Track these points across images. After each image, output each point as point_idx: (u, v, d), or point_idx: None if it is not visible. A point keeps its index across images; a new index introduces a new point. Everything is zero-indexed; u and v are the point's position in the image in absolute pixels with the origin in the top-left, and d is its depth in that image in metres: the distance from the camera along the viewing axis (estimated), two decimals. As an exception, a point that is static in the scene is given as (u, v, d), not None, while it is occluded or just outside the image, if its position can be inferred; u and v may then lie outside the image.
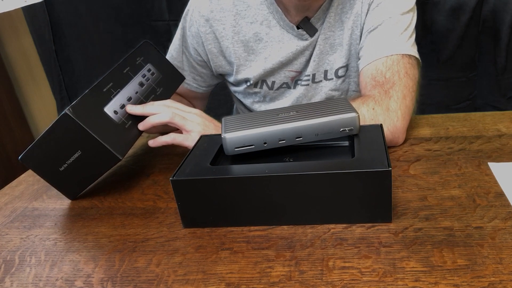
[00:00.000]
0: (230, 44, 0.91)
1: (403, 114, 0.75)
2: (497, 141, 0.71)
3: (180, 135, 0.76)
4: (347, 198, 0.54)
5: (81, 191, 0.72)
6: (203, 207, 0.58)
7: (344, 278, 0.47)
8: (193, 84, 1.00)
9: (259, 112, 0.67)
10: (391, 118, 0.74)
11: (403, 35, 0.81)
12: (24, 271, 0.56)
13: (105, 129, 0.66)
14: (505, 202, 0.56)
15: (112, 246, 0.58)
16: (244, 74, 0.93)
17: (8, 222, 0.68)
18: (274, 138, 0.61)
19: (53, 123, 0.63)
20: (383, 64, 0.79)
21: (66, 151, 0.65)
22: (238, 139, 0.61)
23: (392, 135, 0.74)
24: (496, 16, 1.30)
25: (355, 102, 0.75)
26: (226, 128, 0.62)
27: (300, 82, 0.94)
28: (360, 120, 0.63)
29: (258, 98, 0.98)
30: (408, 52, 0.80)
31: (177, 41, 0.97)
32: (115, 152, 0.65)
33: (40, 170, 0.68)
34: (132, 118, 0.72)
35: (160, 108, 0.75)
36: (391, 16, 0.82)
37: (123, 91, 0.73)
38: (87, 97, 0.67)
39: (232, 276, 0.50)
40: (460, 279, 0.45)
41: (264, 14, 0.88)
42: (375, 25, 0.83)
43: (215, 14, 0.90)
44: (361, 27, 0.86)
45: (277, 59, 0.90)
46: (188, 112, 0.77)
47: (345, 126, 0.61)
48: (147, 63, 0.81)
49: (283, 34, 0.89)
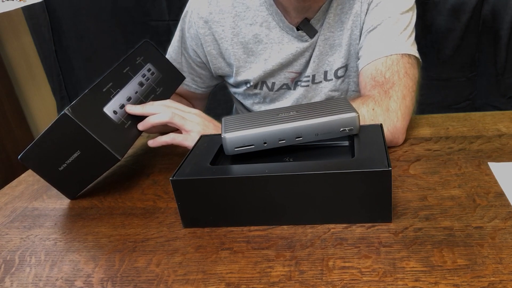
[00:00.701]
0: (229, 46, 0.91)
1: (403, 114, 0.75)
2: (497, 141, 0.71)
3: (179, 135, 0.76)
4: (347, 198, 0.54)
5: (80, 191, 0.72)
6: (203, 207, 0.58)
7: (344, 278, 0.47)
8: (192, 85, 1.00)
9: (259, 112, 0.67)
10: (391, 118, 0.74)
11: (403, 34, 0.81)
12: (24, 271, 0.56)
13: (104, 129, 0.66)
14: (505, 202, 0.56)
15: (112, 246, 0.58)
16: (244, 75, 0.93)
17: (8, 222, 0.68)
18: (274, 138, 0.61)
19: (53, 123, 0.63)
20: (382, 64, 0.79)
21: (66, 151, 0.65)
22: (238, 139, 0.61)
23: (392, 136, 0.74)
24: (496, 16, 1.30)
25: (355, 102, 0.75)
26: (226, 128, 0.62)
27: (300, 83, 0.94)
28: (360, 120, 0.63)
29: (258, 99, 0.98)
30: (408, 51, 0.80)
31: (176, 43, 0.97)
32: (114, 153, 0.65)
33: (40, 170, 0.68)
34: (131, 118, 0.72)
35: (159, 108, 0.75)
36: (391, 16, 0.82)
37: (123, 91, 0.73)
38: (86, 97, 0.67)
39: (232, 276, 0.50)
40: (460, 279, 0.45)
41: (264, 15, 0.88)
42: (374, 25, 0.83)
43: (214, 16, 0.90)
44: (361, 27, 0.86)
45: (277, 61, 0.90)
46: (188, 112, 0.77)
47: (345, 126, 0.61)
48: (147, 63, 0.81)
49: (283, 36, 0.88)
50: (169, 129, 0.85)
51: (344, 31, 0.87)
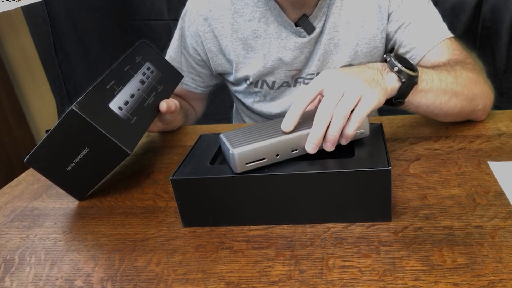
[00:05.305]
0: (229, 42, 0.91)
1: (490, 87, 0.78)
2: (497, 140, 0.71)
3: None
4: (347, 197, 0.54)
5: (88, 191, 0.71)
6: (203, 207, 0.58)
7: (344, 277, 0.47)
8: (191, 84, 1.00)
9: (261, 124, 0.61)
10: (489, 87, 0.77)
11: (441, 21, 0.87)
12: (24, 270, 0.56)
13: (111, 124, 0.65)
14: (505, 201, 0.56)
15: (112, 246, 0.58)
16: (243, 72, 0.93)
17: (8, 222, 0.68)
18: (287, 149, 0.56)
19: (60, 120, 0.62)
20: (445, 47, 0.83)
21: (73, 149, 0.65)
22: (249, 154, 0.54)
23: (487, 106, 0.77)
24: (496, 15, 1.30)
25: (454, 68, 0.73)
26: (232, 144, 0.56)
27: (302, 80, 0.94)
28: (465, 81, 0.68)
29: (259, 98, 0.98)
30: (451, 35, 0.85)
31: (175, 42, 0.97)
32: (124, 147, 0.64)
33: (47, 172, 0.67)
34: (137, 114, 0.72)
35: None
36: (422, 8, 0.86)
37: (126, 88, 0.73)
38: (91, 94, 0.66)
39: (232, 275, 0.50)
40: (460, 278, 0.45)
41: (262, 11, 0.88)
42: (411, 19, 0.86)
43: (213, 13, 0.90)
44: (378, 26, 0.89)
45: (276, 56, 0.90)
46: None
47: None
48: (146, 62, 0.81)
49: (281, 31, 0.89)
50: (171, 127, 0.86)
51: (350, 30, 0.88)
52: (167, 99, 0.79)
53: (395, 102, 0.64)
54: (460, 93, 0.69)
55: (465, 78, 0.71)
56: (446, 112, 0.71)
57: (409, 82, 0.62)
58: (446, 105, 0.69)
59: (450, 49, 0.82)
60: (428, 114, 0.71)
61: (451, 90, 0.68)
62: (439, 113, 0.71)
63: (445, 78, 0.68)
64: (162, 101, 0.78)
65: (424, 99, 0.66)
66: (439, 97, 0.67)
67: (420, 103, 0.67)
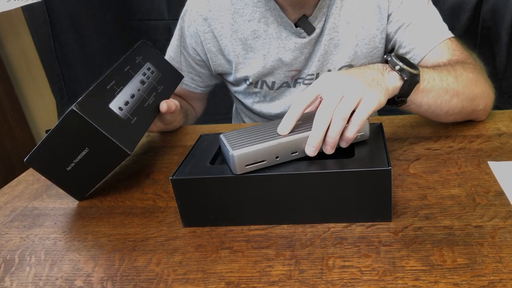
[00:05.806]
0: (228, 42, 0.91)
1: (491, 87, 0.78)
2: (497, 140, 0.71)
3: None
4: (347, 197, 0.54)
5: (88, 191, 0.71)
6: (203, 206, 0.58)
7: (344, 277, 0.47)
8: (191, 84, 1.00)
9: (261, 125, 0.61)
10: (490, 87, 0.77)
11: (441, 21, 0.86)
12: (24, 270, 0.56)
13: (112, 124, 0.65)
14: (505, 201, 0.56)
15: (112, 246, 0.58)
16: (243, 72, 0.93)
17: (8, 222, 0.68)
18: (287, 151, 0.56)
19: (60, 121, 0.63)
20: (445, 47, 0.83)
21: (73, 149, 0.65)
22: (249, 155, 0.54)
23: (488, 107, 0.76)
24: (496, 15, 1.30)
25: (454, 68, 0.72)
26: (232, 145, 0.56)
27: (302, 81, 0.94)
28: (465, 81, 0.67)
29: (259, 98, 0.98)
30: (452, 35, 0.85)
31: (175, 42, 0.97)
32: (124, 147, 0.64)
33: (47, 172, 0.67)
34: (137, 114, 0.72)
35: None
36: (422, 8, 0.86)
37: (126, 88, 0.73)
38: (91, 94, 0.66)
39: (232, 275, 0.50)
40: (460, 278, 0.45)
41: (262, 11, 0.88)
42: (410, 20, 0.86)
43: (213, 13, 0.90)
44: (378, 27, 0.88)
45: (276, 56, 0.90)
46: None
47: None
48: (146, 62, 0.81)
49: (281, 31, 0.89)
50: (171, 127, 0.86)
51: (350, 31, 0.88)
52: (167, 99, 0.79)
53: (398, 101, 0.64)
54: (461, 93, 0.69)
55: (465, 78, 0.71)
56: (447, 112, 0.71)
57: (411, 80, 0.62)
58: (447, 105, 0.69)
59: (451, 50, 0.82)
60: (429, 114, 0.71)
61: (452, 89, 0.68)
62: (440, 113, 0.71)
63: (446, 78, 0.68)
64: (162, 101, 0.78)
65: (426, 98, 0.66)
66: (441, 97, 0.67)
67: (422, 102, 0.67)
